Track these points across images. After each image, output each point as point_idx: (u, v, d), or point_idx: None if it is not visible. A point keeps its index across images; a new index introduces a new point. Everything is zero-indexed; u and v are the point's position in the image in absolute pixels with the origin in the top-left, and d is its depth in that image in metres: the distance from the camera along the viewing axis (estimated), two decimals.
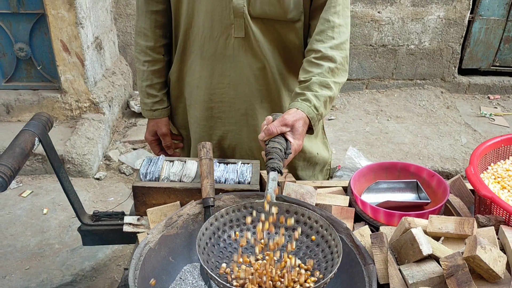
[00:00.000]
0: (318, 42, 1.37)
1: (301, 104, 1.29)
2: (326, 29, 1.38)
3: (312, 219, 1.11)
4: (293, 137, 1.24)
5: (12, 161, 1.20)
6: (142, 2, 1.54)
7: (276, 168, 1.15)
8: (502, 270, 0.94)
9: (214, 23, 1.42)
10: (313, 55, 1.37)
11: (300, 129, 1.25)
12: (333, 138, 3.58)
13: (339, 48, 1.38)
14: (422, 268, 1.01)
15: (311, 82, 1.33)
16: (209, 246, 1.08)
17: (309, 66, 1.37)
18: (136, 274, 1.04)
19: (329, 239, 1.06)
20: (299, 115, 1.26)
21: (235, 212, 1.13)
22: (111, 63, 3.95)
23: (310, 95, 1.31)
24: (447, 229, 1.08)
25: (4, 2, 3.21)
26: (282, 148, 1.20)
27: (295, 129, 1.24)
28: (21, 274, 2.36)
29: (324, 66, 1.35)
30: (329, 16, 1.38)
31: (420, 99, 4.25)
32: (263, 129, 1.24)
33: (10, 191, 3.01)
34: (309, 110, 1.28)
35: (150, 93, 1.65)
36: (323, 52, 1.36)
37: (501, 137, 1.44)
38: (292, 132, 1.24)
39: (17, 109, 3.42)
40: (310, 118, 1.28)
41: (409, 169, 1.49)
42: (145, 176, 1.37)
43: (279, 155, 1.18)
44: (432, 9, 4.15)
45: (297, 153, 1.27)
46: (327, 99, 1.33)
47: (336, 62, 1.36)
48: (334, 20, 1.38)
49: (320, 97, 1.31)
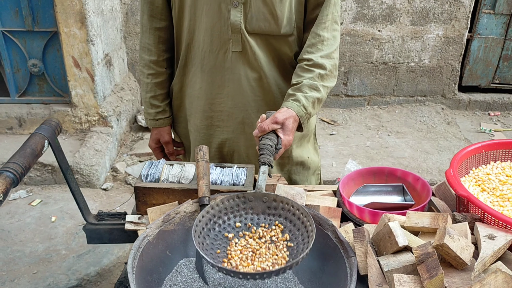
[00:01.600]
0: (309, 53, 1.50)
1: (291, 104, 1.41)
2: (317, 42, 1.50)
3: (295, 207, 1.21)
4: (283, 134, 1.36)
5: (23, 160, 1.29)
6: (146, 19, 1.64)
7: (266, 163, 1.28)
8: (469, 258, 1.01)
9: (214, 39, 1.53)
10: (305, 62, 1.50)
11: (290, 126, 1.38)
12: (334, 152, 3.66)
13: (329, 57, 1.50)
14: (398, 258, 1.09)
15: (302, 85, 1.46)
16: (205, 230, 1.18)
17: (301, 71, 1.49)
18: (134, 263, 1.12)
19: (307, 225, 1.16)
20: (289, 113, 1.38)
21: (229, 201, 1.24)
22: (120, 79, 4.10)
23: (300, 96, 1.43)
24: (423, 224, 1.16)
25: (20, 20, 3.39)
26: (273, 144, 1.34)
27: (285, 126, 1.37)
28: (29, 278, 2.45)
29: (315, 71, 1.47)
30: (319, 31, 1.50)
31: (421, 115, 4.33)
32: (257, 127, 1.36)
33: (20, 200, 3.13)
34: (299, 109, 1.41)
35: (154, 104, 1.75)
36: (314, 60, 1.48)
37: (482, 143, 1.51)
38: (282, 129, 1.37)
39: (29, 122, 3.56)
40: (300, 116, 1.41)
41: (395, 173, 1.56)
42: (146, 178, 1.45)
43: (270, 150, 1.31)
44: (431, 28, 4.27)
45: (287, 147, 1.39)
46: (315, 100, 1.45)
47: (326, 69, 1.49)
48: (323, 34, 1.50)
49: (309, 98, 1.43)
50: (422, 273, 0.99)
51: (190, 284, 1.21)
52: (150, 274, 1.18)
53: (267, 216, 1.23)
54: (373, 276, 1.08)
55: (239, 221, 1.23)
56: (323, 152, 3.69)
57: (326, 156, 3.63)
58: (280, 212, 1.23)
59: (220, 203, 1.23)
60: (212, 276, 1.23)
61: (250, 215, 1.23)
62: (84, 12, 3.27)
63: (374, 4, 4.19)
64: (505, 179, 1.41)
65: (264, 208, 1.23)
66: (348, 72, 4.47)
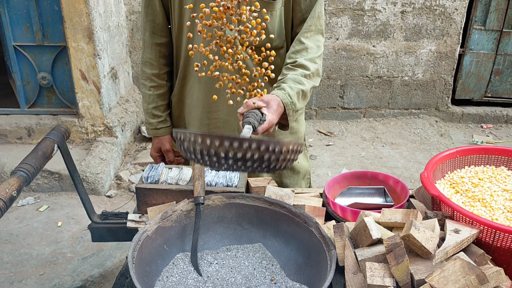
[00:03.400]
0: (294, 58, 1.60)
1: (276, 91, 1.46)
2: (301, 49, 1.61)
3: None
4: (268, 111, 1.35)
5: (35, 161, 1.40)
6: (148, 35, 1.75)
7: (251, 123, 1.25)
8: (433, 248, 1.13)
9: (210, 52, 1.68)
10: (290, 64, 1.59)
11: (275, 106, 1.38)
12: (330, 162, 3.78)
13: (312, 61, 1.60)
14: (372, 250, 1.21)
15: (286, 78, 1.53)
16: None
17: (286, 70, 1.58)
18: (134, 255, 1.21)
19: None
20: (275, 97, 1.42)
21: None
22: (125, 92, 4.24)
23: (285, 86, 1.49)
24: (395, 219, 1.28)
25: (30, 35, 3.54)
26: (257, 116, 1.31)
27: (270, 105, 1.38)
28: (35, 279, 2.56)
29: (298, 70, 1.56)
30: (303, 39, 1.62)
31: (415, 127, 4.45)
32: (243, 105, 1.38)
33: (29, 206, 3.25)
34: (284, 96, 1.45)
35: (155, 114, 1.85)
36: (299, 61, 1.58)
37: (456, 149, 1.62)
38: (267, 107, 1.37)
39: (37, 132, 3.70)
40: (284, 103, 1.44)
41: (378, 177, 1.68)
42: (147, 179, 1.56)
43: (255, 118, 1.29)
44: (424, 43, 4.40)
45: (270, 125, 1.36)
46: (300, 91, 1.50)
47: (309, 70, 1.57)
48: (306, 42, 1.62)
49: (293, 88, 1.49)
50: (390, 260, 1.11)
51: (185, 276, 1.30)
52: (148, 265, 1.27)
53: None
54: (349, 265, 1.20)
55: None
56: (320, 162, 3.81)
57: (322, 165, 3.75)
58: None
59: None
60: (206, 269, 1.33)
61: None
62: (92, 28, 3.41)
63: (369, 20, 4.35)
64: (478, 181, 1.51)
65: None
66: (344, 86, 4.59)
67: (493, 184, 1.49)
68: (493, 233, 1.21)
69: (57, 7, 3.43)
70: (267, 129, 1.35)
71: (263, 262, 1.35)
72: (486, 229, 1.22)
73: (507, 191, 1.44)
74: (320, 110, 4.68)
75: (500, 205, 1.37)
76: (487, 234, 1.22)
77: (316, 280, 1.22)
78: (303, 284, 1.27)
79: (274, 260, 1.36)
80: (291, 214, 1.36)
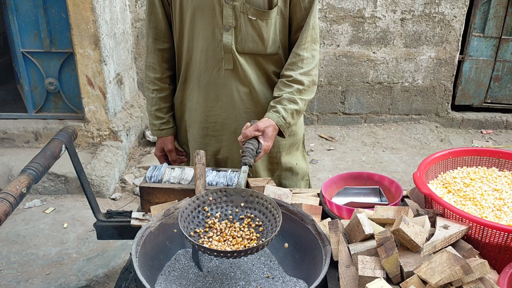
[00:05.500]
0: (290, 70, 1.70)
1: (272, 115, 1.62)
2: (297, 61, 1.71)
3: (268, 201, 1.37)
4: (263, 140, 1.56)
5: (43, 161, 1.46)
6: (151, 41, 1.83)
7: (247, 163, 1.48)
8: (422, 242, 1.18)
9: (208, 58, 1.73)
10: (286, 78, 1.70)
11: (270, 133, 1.58)
12: (331, 166, 3.83)
13: (307, 74, 1.70)
14: (364, 244, 1.26)
15: (282, 98, 1.66)
16: (189, 217, 1.35)
17: (282, 85, 1.69)
18: (138, 249, 1.26)
19: (276, 216, 1.33)
20: (270, 123, 1.59)
21: (212, 194, 1.40)
22: (130, 97, 4.32)
23: (280, 108, 1.63)
24: (387, 216, 1.33)
25: (38, 42, 3.63)
26: (254, 148, 1.53)
27: (265, 133, 1.57)
28: (42, 279, 2.61)
29: (294, 86, 1.67)
30: (299, 51, 1.71)
31: (415, 132, 4.49)
32: (241, 133, 1.55)
33: (35, 208, 3.32)
34: (278, 119, 1.61)
35: (158, 116, 1.91)
36: (294, 77, 1.68)
37: (449, 150, 1.67)
38: (263, 136, 1.57)
39: (44, 136, 3.77)
40: (279, 125, 1.61)
41: (373, 178, 1.73)
42: (150, 179, 1.61)
43: (251, 153, 1.51)
44: (423, 50, 4.46)
45: (266, 151, 1.58)
46: (294, 111, 1.65)
47: (304, 85, 1.68)
48: (303, 54, 1.70)
49: (288, 110, 1.63)
50: (381, 253, 1.16)
51: (187, 271, 1.35)
52: (151, 260, 1.32)
53: (244, 209, 1.40)
54: (342, 259, 1.25)
55: (220, 212, 1.39)
56: (321, 166, 3.86)
57: (323, 169, 3.80)
58: (255, 206, 1.40)
59: (205, 195, 1.39)
60: (206, 264, 1.38)
61: (230, 207, 1.40)
62: (98, 34, 3.49)
63: (369, 28, 4.41)
64: (469, 182, 1.55)
65: (242, 201, 1.40)
66: (345, 91, 4.65)
67: (484, 184, 1.53)
68: (482, 230, 1.25)
69: (65, 15, 3.52)
70: (263, 155, 1.59)
71: (262, 259, 1.40)
72: (475, 226, 1.26)
73: (497, 190, 1.48)
74: (322, 115, 4.75)
75: (490, 203, 1.41)
76: (476, 230, 1.27)
77: (312, 275, 1.27)
78: (299, 279, 1.32)
79: (272, 257, 1.41)
80: (289, 212, 1.41)
